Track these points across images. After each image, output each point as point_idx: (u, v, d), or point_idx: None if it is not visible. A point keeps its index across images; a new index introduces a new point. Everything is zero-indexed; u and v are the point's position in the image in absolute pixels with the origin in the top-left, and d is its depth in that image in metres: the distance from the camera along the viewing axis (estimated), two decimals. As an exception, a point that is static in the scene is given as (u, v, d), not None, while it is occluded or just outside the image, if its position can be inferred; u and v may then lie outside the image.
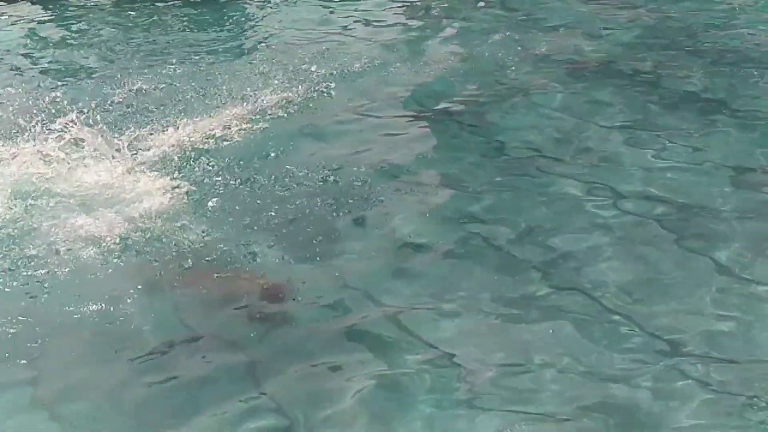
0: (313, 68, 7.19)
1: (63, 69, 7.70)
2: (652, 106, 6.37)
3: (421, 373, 3.88)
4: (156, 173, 5.53)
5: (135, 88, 6.92)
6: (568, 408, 3.67)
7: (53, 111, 6.35)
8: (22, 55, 8.11)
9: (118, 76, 7.27)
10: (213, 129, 6.15)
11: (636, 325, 4.15)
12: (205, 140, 6.01)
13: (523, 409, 3.67)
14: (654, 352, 3.97)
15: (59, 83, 7.30)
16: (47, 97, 6.68)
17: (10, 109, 6.52)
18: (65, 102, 6.53)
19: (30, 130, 6.00)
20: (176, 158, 5.75)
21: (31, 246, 4.81)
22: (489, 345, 4.08)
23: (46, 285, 4.53)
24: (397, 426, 3.64)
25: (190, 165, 5.68)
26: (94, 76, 7.45)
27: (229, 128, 6.16)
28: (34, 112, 6.35)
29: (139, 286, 4.53)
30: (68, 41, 8.40)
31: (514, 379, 3.86)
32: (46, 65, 7.80)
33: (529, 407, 3.68)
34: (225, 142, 5.99)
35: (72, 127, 5.86)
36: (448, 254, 4.81)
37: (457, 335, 4.15)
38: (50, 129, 5.97)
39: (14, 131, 6.09)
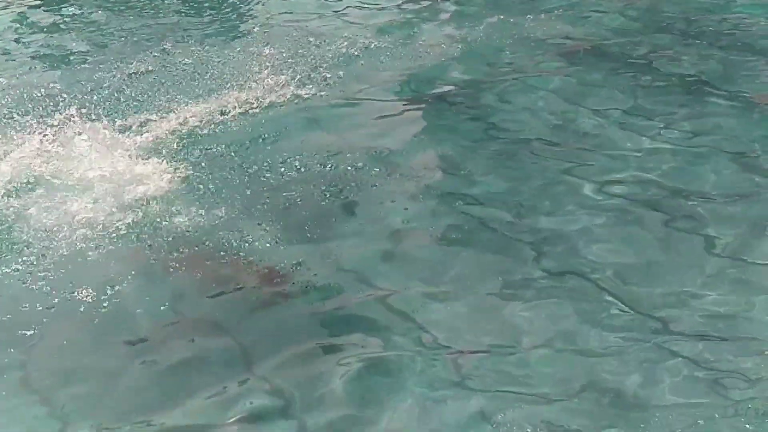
0: (307, 52, 7.16)
1: (55, 54, 7.63)
2: (646, 89, 6.35)
3: (412, 355, 3.92)
4: (151, 158, 5.53)
5: (129, 72, 6.89)
6: (559, 389, 3.71)
7: (46, 97, 6.35)
8: (13, 40, 8.03)
9: (111, 60, 7.23)
10: (207, 114, 6.13)
11: (628, 305, 4.18)
12: (200, 126, 5.99)
13: (514, 390, 3.70)
14: (645, 332, 4.00)
15: (51, 69, 7.24)
16: (40, 83, 6.67)
17: (3, 95, 6.49)
18: (58, 87, 6.53)
19: (24, 116, 6.00)
20: (171, 143, 5.75)
21: (25, 231, 4.83)
22: (480, 327, 4.11)
23: (39, 270, 4.54)
24: (388, 407, 3.67)
25: (185, 150, 5.67)
26: (88, 61, 7.38)
27: (224, 113, 6.15)
28: (27, 98, 6.35)
29: (134, 271, 4.55)
30: (60, 25, 8.33)
31: (505, 360, 3.89)
32: (38, 50, 7.72)
33: (520, 388, 3.71)
34: (220, 128, 5.98)
35: (67, 112, 5.86)
36: (440, 237, 4.83)
37: (448, 317, 4.18)
38: (44, 115, 5.97)
39: (7, 118, 6.07)
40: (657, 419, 3.50)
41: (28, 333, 4.16)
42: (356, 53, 7.20)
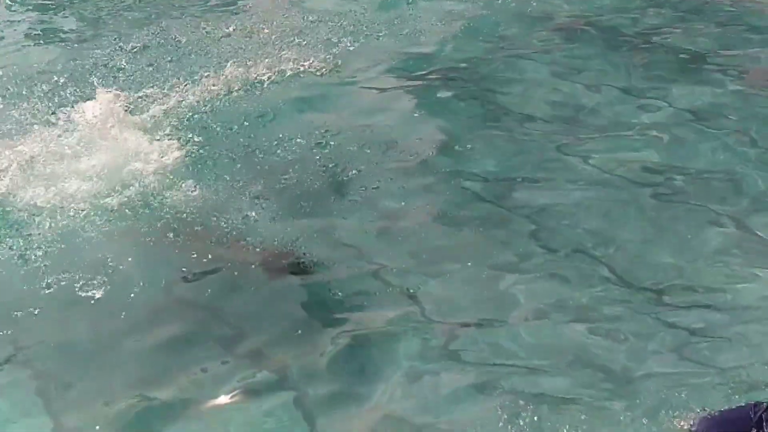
0: (306, 30, 7.14)
1: (47, 33, 7.55)
2: (643, 66, 6.33)
3: (406, 329, 3.96)
4: (148, 136, 5.50)
5: (125, 50, 6.85)
6: (551, 360, 3.75)
7: (41, 76, 6.34)
8: (5, 20, 7.94)
9: (107, 37, 7.18)
10: (205, 93, 6.10)
11: (620, 278, 4.22)
12: (197, 104, 5.95)
13: (506, 362, 3.75)
14: (637, 303, 4.04)
15: (45, 47, 7.20)
16: (34, 63, 6.65)
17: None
18: (54, 66, 6.52)
19: (18, 96, 6.00)
20: (168, 121, 5.71)
21: (20, 208, 4.83)
22: (474, 300, 4.15)
23: (33, 248, 4.55)
24: (382, 381, 3.71)
25: (182, 128, 5.64)
26: (82, 39, 7.34)
27: (222, 92, 6.11)
28: (21, 78, 6.34)
29: (129, 249, 4.55)
30: (49, 4, 8.26)
31: (498, 332, 3.93)
32: (29, 30, 7.62)
33: (513, 360, 3.76)
34: (218, 106, 5.95)
35: (61, 92, 5.86)
36: (436, 213, 4.84)
37: (443, 291, 4.21)
38: (37, 94, 5.98)
39: (4, 96, 6.07)
40: (647, 389, 3.54)
41: (22, 313, 4.17)
42: (355, 31, 7.17)
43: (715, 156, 5.19)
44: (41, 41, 7.40)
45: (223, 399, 3.70)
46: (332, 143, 5.50)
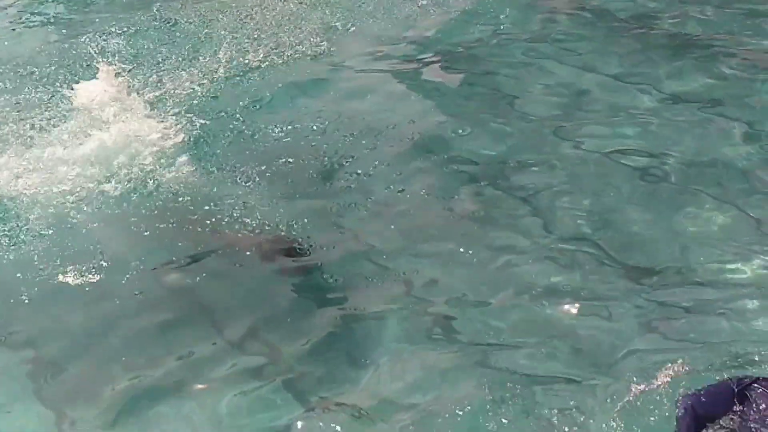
0: (301, 16, 7.11)
1: (39, 16, 7.48)
2: (640, 49, 6.28)
3: (394, 311, 3.98)
4: (142, 119, 5.50)
5: (118, 34, 6.83)
6: (536, 338, 3.78)
7: (34, 60, 6.33)
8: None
9: (97, 22, 7.13)
10: (199, 77, 6.10)
11: (611, 257, 4.25)
12: (192, 88, 5.95)
13: (492, 342, 3.78)
14: (628, 282, 4.07)
15: (37, 31, 7.16)
16: (27, 48, 6.62)
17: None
18: (47, 51, 6.50)
19: (12, 79, 6.00)
20: (162, 105, 5.71)
21: (14, 191, 4.83)
22: (463, 281, 4.16)
23: (27, 233, 4.56)
24: (369, 361, 3.74)
25: (177, 112, 5.63)
26: (76, 23, 7.29)
27: (218, 76, 6.10)
28: (15, 63, 6.33)
29: (125, 236, 4.56)
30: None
31: (485, 313, 3.95)
32: (20, 14, 7.54)
33: (499, 340, 3.79)
34: (214, 89, 5.93)
35: (54, 76, 5.85)
36: (429, 195, 4.86)
37: (433, 272, 4.23)
38: (32, 79, 5.98)
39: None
40: (634, 367, 3.56)
41: (13, 300, 4.18)
42: (350, 15, 7.15)
43: (709, 139, 5.18)
44: (34, 25, 7.35)
45: (215, 381, 3.73)
46: (326, 127, 5.49)
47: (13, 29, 7.21)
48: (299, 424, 3.48)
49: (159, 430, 3.54)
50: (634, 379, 3.45)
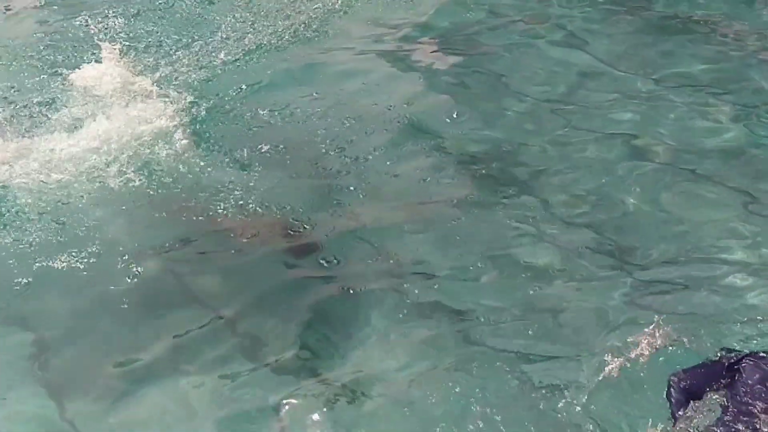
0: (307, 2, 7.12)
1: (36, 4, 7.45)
2: (643, 33, 6.26)
3: (383, 289, 4.03)
4: (140, 105, 5.50)
5: (116, 21, 6.82)
6: (524, 317, 3.83)
7: (36, 44, 6.33)
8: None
9: (95, 2, 7.07)
10: (198, 63, 6.10)
11: (609, 239, 4.30)
12: (193, 74, 5.93)
13: (480, 319, 3.83)
14: (625, 262, 4.13)
15: (39, 14, 7.09)
16: (29, 31, 6.61)
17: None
18: (49, 34, 6.50)
19: (15, 62, 6.02)
20: (167, 88, 5.70)
21: (16, 173, 4.85)
22: (455, 261, 4.21)
23: (25, 217, 4.59)
24: (358, 339, 3.80)
25: (176, 97, 5.61)
26: (77, 4, 7.29)
27: (218, 62, 6.08)
28: (19, 44, 6.35)
29: (119, 217, 4.60)
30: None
31: (475, 291, 4.00)
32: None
33: (489, 317, 3.84)
34: (212, 76, 5.91)
35: (53, 59, 5.86)
36: (424, 178, 4.89)
37: (425, 253, 4.27)
38: (33, 62, 5.99)
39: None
40: (625, 345, 3.58)
41: (9, 285, 4.20)
42: (354, 4, 7.13)
43: (700, 121, 5.20)
44: (30, 5, 7.27)
45: (207, 363, 3.78)
46: (322, 111, 5.50)
47: (9, 9, 7.18)
48: (290, 402, 3.53)
49: (152, 412, 3.58)
50: (622, 353, 3.49)
